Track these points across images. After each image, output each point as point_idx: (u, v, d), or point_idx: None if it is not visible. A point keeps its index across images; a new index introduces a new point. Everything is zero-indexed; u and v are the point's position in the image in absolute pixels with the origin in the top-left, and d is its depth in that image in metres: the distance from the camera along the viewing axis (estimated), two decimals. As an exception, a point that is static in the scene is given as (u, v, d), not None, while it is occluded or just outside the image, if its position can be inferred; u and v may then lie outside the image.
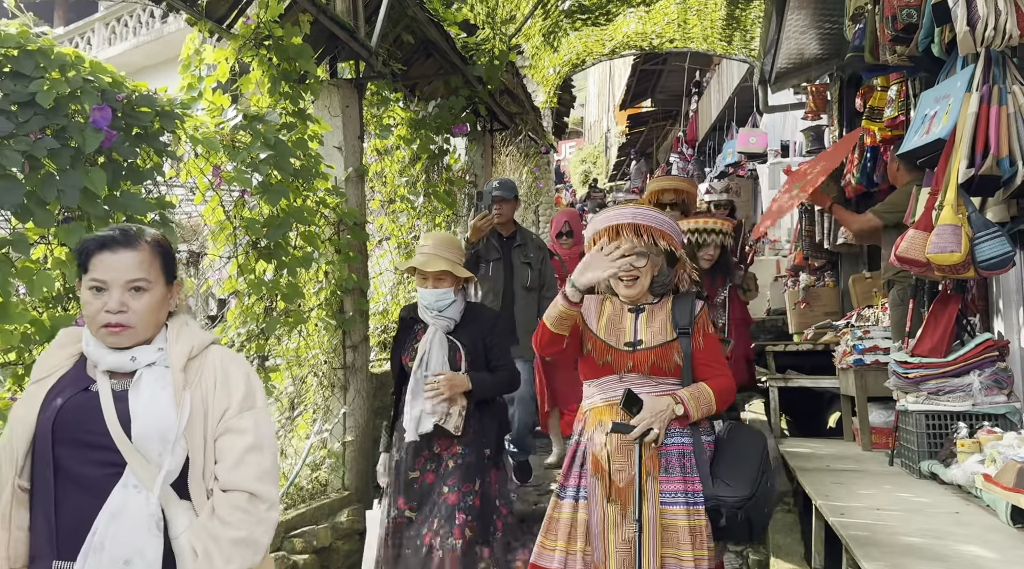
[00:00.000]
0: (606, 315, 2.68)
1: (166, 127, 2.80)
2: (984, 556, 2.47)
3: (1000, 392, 3.75)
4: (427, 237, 3.34)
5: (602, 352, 2.60)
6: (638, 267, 2.57)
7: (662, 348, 2.55)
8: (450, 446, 3.18)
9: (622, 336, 2.60)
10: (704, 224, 4.11)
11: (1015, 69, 3.54)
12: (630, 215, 2.61)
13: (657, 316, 2.63)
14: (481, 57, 5.95)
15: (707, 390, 2.53)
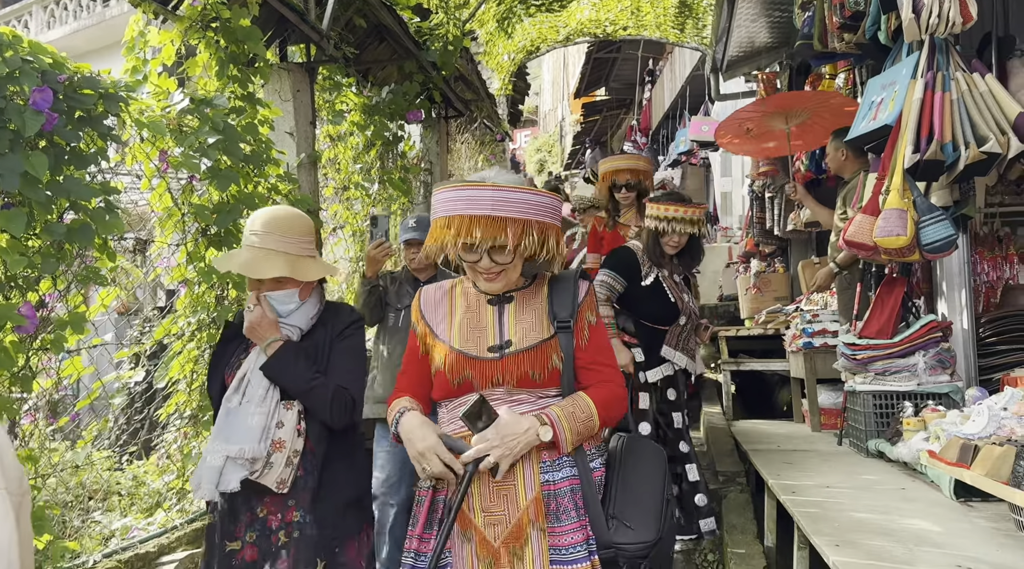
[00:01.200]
0: (459, 313, 2.00)
1: (110, 110, 2.70)
2: (929, 529, 2.55)
3: (944, 372, 3.87)
4: (258, 218, 2.27)
5: (459, 366, 1.91)
6: (501, 263, 1.91)
7: (537, 350, 1.90)
8: (281, 507, 2.17)
9: (484, 339, 1.94)
10: (673, 212, 3.82)
11: (958, 56, 3.63)
12: (489, 203, 1.82)
13: (529, 306, 1.98)
14: (435, 42, 5.90)
15: (586, 403, 1.88)
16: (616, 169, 4.91)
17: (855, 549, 2.33)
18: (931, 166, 3.55)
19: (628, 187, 4.85)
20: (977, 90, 3.52)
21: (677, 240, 3.82)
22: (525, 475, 1.86)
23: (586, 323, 1.97)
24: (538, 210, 1.86)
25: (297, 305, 2.29)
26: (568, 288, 2.00)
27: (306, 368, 2.19)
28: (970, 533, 2.49)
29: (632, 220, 4.83)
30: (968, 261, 4.06)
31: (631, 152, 15.55)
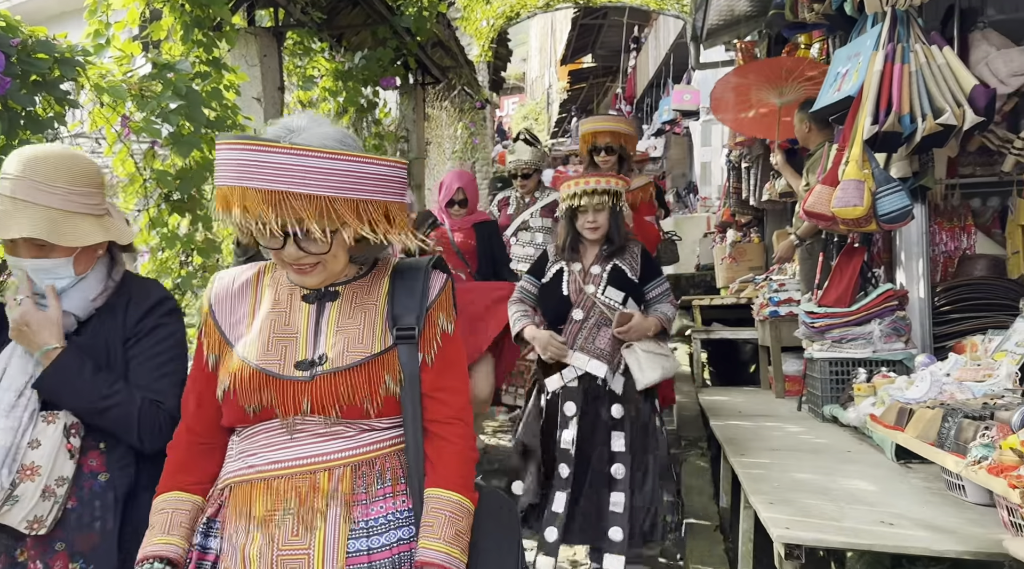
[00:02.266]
0: (264, 311, 1.49)
1: (66, 74, 2.71)
2: (863, 488, 2.65)
3: (898, 339, 3.96)
4: (13, 158, 1.70)
5: (254, 387, 1.42)
6: (317, 253, 1.40)
7: (363, 368, 1.41)
8: (44, 552, 1.65)
9: (293, 350, 1.44)
10: (584, 185, 3.24)
11: (918, 28, 3.67)
12: (284, 174, 1.29)
13: (361, 306, 1.48)
14: (409, 7, 5.87)
15: (460, 506, 1.41)
16: (596, 130, 4.62)
17: (788, 506, 2.43)
18: (889, 138, 3.60)
19: (608, 150, 4.57)
20: (935, 62, 3.56)
21: (593, 218, 3.24)
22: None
23: (438, 331, 1.49)
24: (362, 182, 1.32)
25: (71, 281, 1.72)
26: (416, 280, 1.50)
27: (96, 379, 1.66)
28: (903, 493, 2.58)
29: None
30: (926, 232, 4.14)
31: (616, 120, 15.53)
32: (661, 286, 3.36)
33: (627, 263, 3.29)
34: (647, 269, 3.34)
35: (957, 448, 2.25)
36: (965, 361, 3.20)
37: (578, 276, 3.29)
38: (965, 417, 2.31)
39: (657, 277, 3.37)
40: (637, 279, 3.29)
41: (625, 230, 3.37)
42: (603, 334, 3.23)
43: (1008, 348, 3.23)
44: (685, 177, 13.26)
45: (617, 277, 3.26)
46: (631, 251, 3.33)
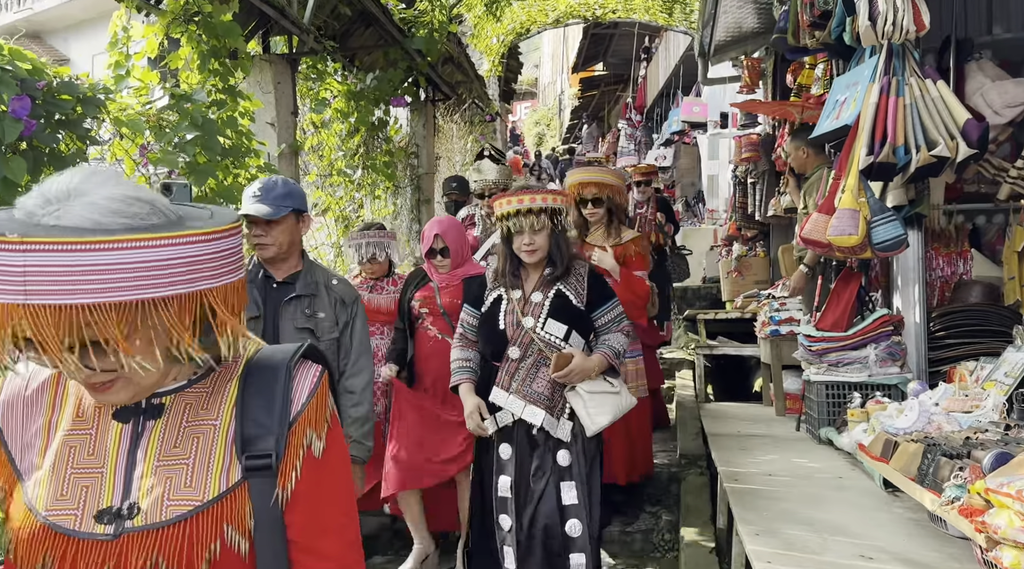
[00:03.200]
0: (62, 432, 1.07)
1: (88, 113, 2.85)
2: (851, 519, 2.74)
3: (894, 364, 4.04)
4: None
5: (40, 547, 1.01)
6: (106, 369, 0.97)
7: (189, 525, 1.01)
8: None
9: (93, 495, 1.03)
10: (517, 203, 2.92)
11: (914, 62, 3.75)
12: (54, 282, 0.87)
13: (193, 425, 1.07)
14: (420, 29, 5.99)
15: None
16: (581, 182, 4.35)
17: (772, 538, 2.52)
18: (884, 168, 3.69)
19: (595, 202, 4.26)
20: (929, 95, 3.65)
21: (530, 240, 2.90)
22: None
23: (300, 453, 1.07)
24: (159, 274, 0.91)
25: None
26: (275, 385, 1.08)
27: None
28: (886, 524, 2.67)
29: (601, 239, 4.28)
30: (922, 257, 4.21)
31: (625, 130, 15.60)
32: (611, 312, 3.01)
33: (572, 288, 2.96)
34: (595, 292, 2.99)
35: (935, 485, 2.34)
36: (954, 391, 3.28)
37: (517, 306, 2.96)
38: (943, 455, 2.39)
39: (607, 302, 3.01)
40: (584, 305, 2.96)
41: (570, 250, 3.04)
42: (542, 375, 2.88)
43: (997, 378, 3.31)
44: (694, 186, 13.34)
45: (560, 306, 2.93)
46: (577, 273, 3.00)
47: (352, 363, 2.91)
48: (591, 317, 3.00)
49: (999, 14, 5.09)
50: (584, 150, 18.41)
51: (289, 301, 2.81)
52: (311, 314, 2.82)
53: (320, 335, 2.81)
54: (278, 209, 2.75)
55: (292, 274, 2.89)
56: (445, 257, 3.75)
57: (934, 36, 4.37)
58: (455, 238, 3.78)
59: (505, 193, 3.02)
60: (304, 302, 2.82)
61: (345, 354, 2.91)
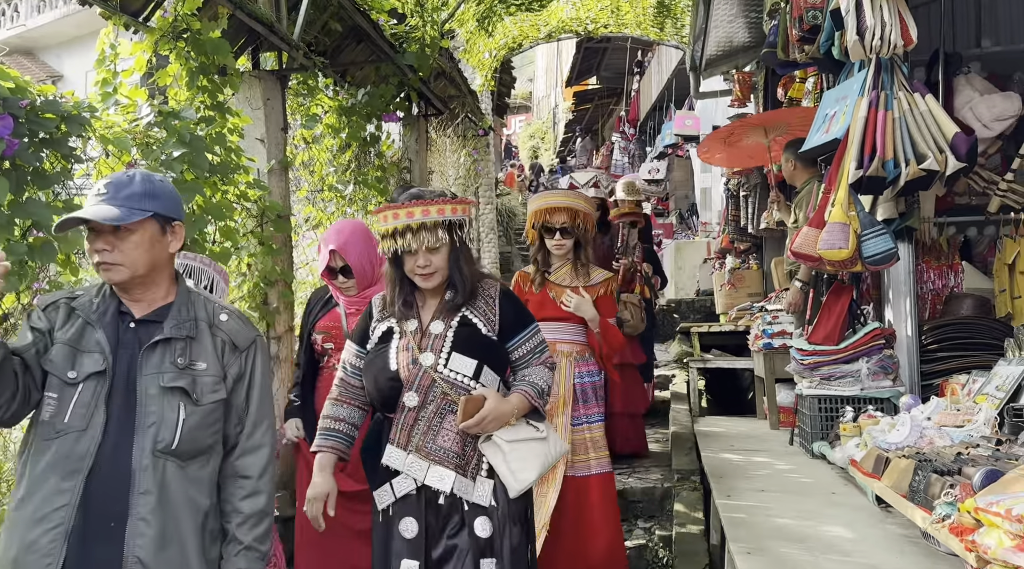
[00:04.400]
0: None
1: (72, 131, 2.83)
2: (842, 535, 2.71)
3: (886, 377, 4.03)
4: None
5: None
6: None
7: None
8: None
9: None
10: (407, 217, 2.33)
11: (902, 76, 3.76)
12: None
13: None
14: (412, 45, 5.99)
15: None
16: (549, 207, 3.60)
17: (764, 556, 2.50)
18: (874, 182, 3.69)
19: (564, 233, 3.56)
20: (918, 109, 3.66)
21: (424, 262, 2.33)
22: None
23: None
24: None
25: None
26: None
27: None
28: (879, 540, 2.65)
29: (568, 278, 3.61)
30: (913, 270, 4.21)
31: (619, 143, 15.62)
32: (531, 341, 2.47)
33: (480, 314, 2.40)
34: (510, 317, 2.44)
35: (926, 502, 2.32)
36: (946, 404, 3.27)
37: (412, 340, 2.36)
38: (934, 471, 2.38)
39: (525, 328, 2.46)
40: (496, 334, 2.40)
41: (474, 268, 2.47)
42: (448, 426, 2.30)
43: (989, 391, 3.30)
44: (688, 199, 13.36)
45: (467, 337, 2.36)
46: (485, 296, 2.44)
47: (247, 435, 2.02)
48: (506, 348, 2.44)
49: (987, 27, 5.13)
50: (578, 163, 18.45)
51: (153, 347, 1.94)
52: (186, 365, 1.95)
53: (198, 396, 1.94)
54: (130, 212, 1.91)
55: (158, 309, 2.01)
56: (348, 277, 3.04)
57: (923, 50, 4.39)
58: (359, 251, 3.04)
59: (391, 205, 2.36)
60: (176, 348, 1.95)
61: (238, 421, 2.02)
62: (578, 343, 3.58)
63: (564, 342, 3.55)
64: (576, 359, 3.57)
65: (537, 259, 3.66)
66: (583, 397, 3.53)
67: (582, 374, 3.56)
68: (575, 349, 3.58)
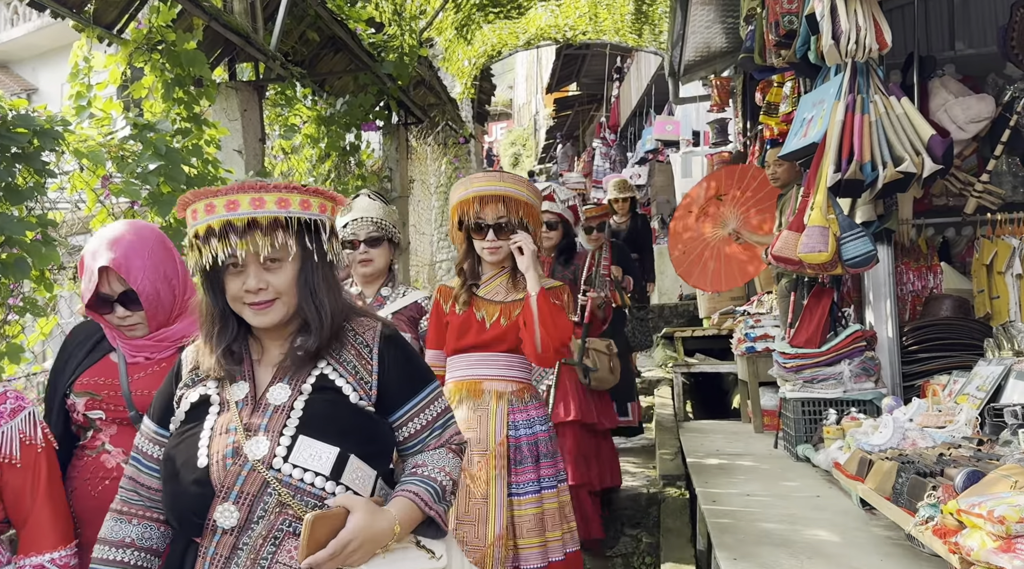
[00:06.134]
0: None
1: (45, 146, 2.80)
2: (828, 539, 2.72)
3: (868, 379, 4.05)
4: None
5: None
6: None
7: None
8: None
9: None
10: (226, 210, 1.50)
11: (878, 79, 3.79)
12: None
13: None
14: (390, 54, 5.99)
15: None
16: (477, 196, 2.58)
17: (750, 562, 2.49)
18: (852, 185, 3.71)
19: (499, 230, 2.57)
20: (894, 113, 3.68)
21: (256, 284, 1.51)
22: None
23: None
24: None
25: None
26: None
27: None
28: (864, 544, 2.65)
29: (502, 292, 2.65)
30: (892, 272, 4.23)
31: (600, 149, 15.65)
32: (429, 409, 1.63)
33: (348, 370, 1.56)
34: (395, 375, 1.60)
35: (909, 505, 2.33)
36: (928, 405, 3.28)
37: (236, 415, 1.52)
38: (917, 473, 2.38)
39: (420, 391, 1.62)
40: (372, 402, 1.56)
41: (338, 299, 1.59)
42: (287, 558, 1.45)
43: (969, 392, 3.32)
44: (670, 203, 13.39)
45: (324, 410, 1.52)
46: (357, 341, 1.59)
47: None
48: (389, 424, 1.59)
49: (961, 30, 5.19)
50: (559, 169, 18.48)
51: None
52: None
53: None
54: None
55: None
56: (132, 308, 1.96)
57: (898, 53, 4.43)
58: (150, 267, 1.96)
59: (206, 191, 1.50)
60: None
61: None
62: (515, 379, 2.59)
63: (495, 378, 2.56)
64: (513, 402, 2.56)
65: (464, 268, 2.68)
66: (524, 456, 2.53)
67: (522, 424, 2.55)
68: (511, 388, 2.57)
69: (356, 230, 2.97)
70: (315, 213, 1.54)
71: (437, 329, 2.71)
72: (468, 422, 2.52)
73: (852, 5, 3.62)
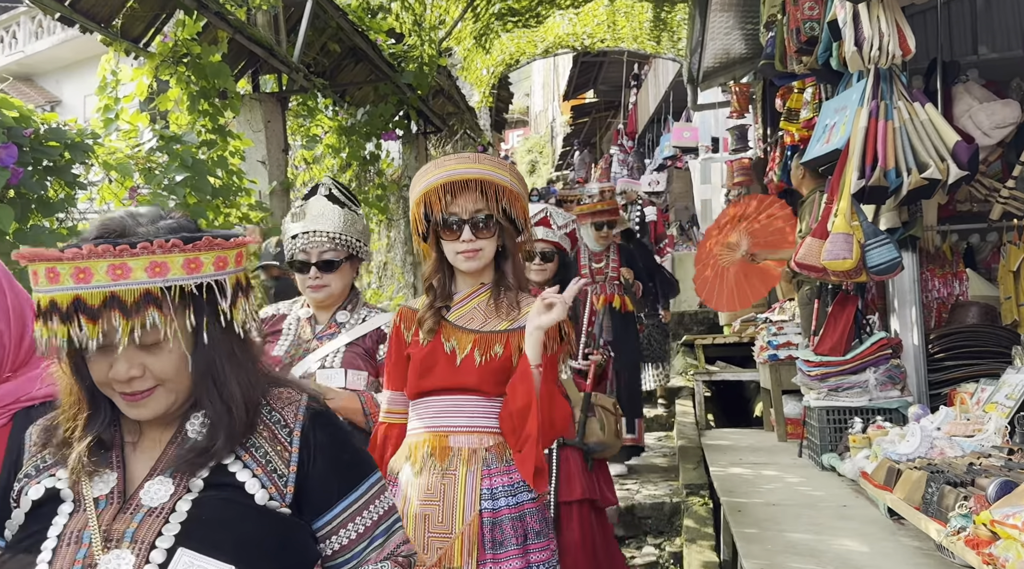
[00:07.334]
0: None
1: (76, 159, 2.84)
2: (856, 549, 2.69)
3: (894, 387, 4.01)
4: None
5: None
6: None
7: None
8: None
9: None
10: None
11: (901, 85, 3.77)
12: None
13: None
14: (410, 63, 6.03)
15: None
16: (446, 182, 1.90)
17: (778, 573, 2.48)
18: (876, 191, 3.69)
19: (477, 227, 1.90)
20: (918, 119, 3.66)
21: (128, 373, 1.06)
22: None
23: None
24: None
25: None
26: None
27: None
28: (892, 554, 2.63)
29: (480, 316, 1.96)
30: (917, 279, 4.20)
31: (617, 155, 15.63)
32: (368, 511, 1.22)
33: (258, 459, 1.16)
34: (323, 466, 1.19)
35: (940, 514, 2.30)
36: (955, 414, 3.25)
37: (96, 520, 1.08)
38: (947, 483, 2.36)
39: (356, 486, 1.22)
40: (288, 502, 1.15)
41: (249, 375, 1.17)
42: None
43: (998, 400, 3.28)
44: (688, 210, 13.35)
45: (216, 513, 1.10)
46: (273, 420, 1.19)
47: None
48: (313, 531, 1.19)
49: (984, 35, 5.14)
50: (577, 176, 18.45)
51: None
52: None
53: None
54: None
55: None
56: None
57: (920, 58, 4.40)
58: None
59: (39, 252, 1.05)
60: None
61: None
62: (494, 431, 1.90)
63: (465, 430, 1.90)
64: (490, 462, 1.88)
65: (433, 285, 1.99)
66: (506, 536, 1.85)
67: (502, 491, 1.87)
68: (488, 443, 1.89)
69: (307, 247, 2.24)
70: (208, 274, 1.08)
71: (397, 363, 2.01)
72: (429, 493, 1.85)
73: (875, 11, 3.60)
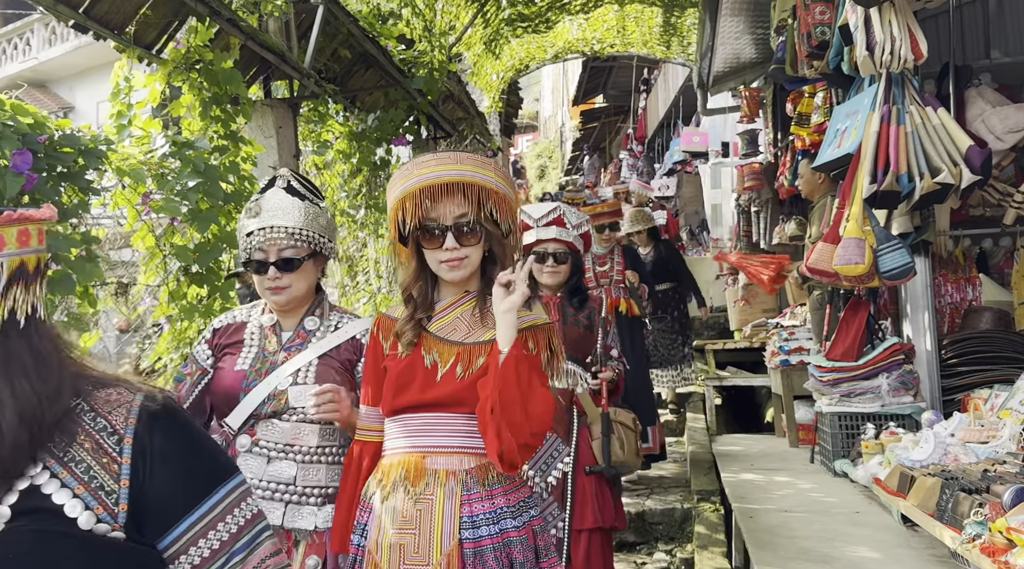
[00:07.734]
0: None
1: (90, 165, 2.86)
2: (868, 556, 2.67)
3: (907, 393, 3.99)
4: None
5: None
6: None
7: None
8: None
9: None
10: None
11: (913, 90, 3.76)
12: None
13: None
14: (420, 69, 6.04)
15: None
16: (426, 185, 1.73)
17: (791, 579, 2.46)
18: (888, 196, 3.68)
19: (461, 233, 1.75)
20: (930, 123, 3.64)
21: None
22: None
23: None
24: None
25: None
26: None
27: None
28: (906, 561, 2.61)
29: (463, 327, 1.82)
30: (930, 284, 4.18)
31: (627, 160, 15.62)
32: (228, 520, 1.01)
33: (79, 473, 0.96)
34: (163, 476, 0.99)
35: (954, 521, 2.29)
36: (969, 420, 3.23)
37: None
38: (962, 489, 2.34)
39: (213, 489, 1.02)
40: (120, 521, 0.95)
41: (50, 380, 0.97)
42: None
43: (1012, 406, 3.26)
44: (698, 215, 13.33)
45: (26, 546, 0.92)
46: (99, 422, 0.99)
47: None
48: (158, 552, 0.98)
49: (996, 39, 5.12)
50: (586, 181, 18.46)
51: None
52: None
53: None
54: None
55: None
56: None
57: (933, 62, 4.38)
58: None
59: None
60: None
61: None
62: (476, 452, 1.72)
63: (444, 450, 1.73)
64: (471, 486, 1.71)
65: (413, 296, 1.84)
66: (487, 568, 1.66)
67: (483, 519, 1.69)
68: (469, 465, 1.73)
69: (264, 245, 2.01)
70: (16, 249, 0.93)
71: (374, 377, 1.86)
72: (404, 521, 1.68)
73: (887, 16, 3.59)
